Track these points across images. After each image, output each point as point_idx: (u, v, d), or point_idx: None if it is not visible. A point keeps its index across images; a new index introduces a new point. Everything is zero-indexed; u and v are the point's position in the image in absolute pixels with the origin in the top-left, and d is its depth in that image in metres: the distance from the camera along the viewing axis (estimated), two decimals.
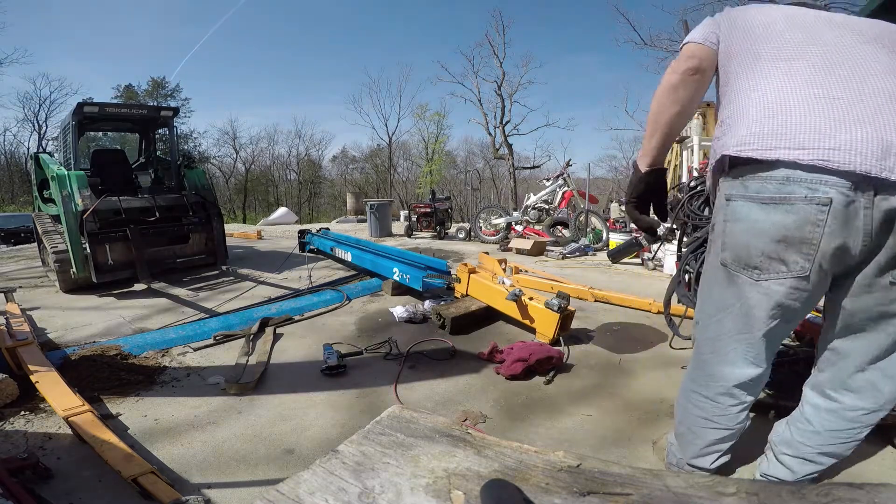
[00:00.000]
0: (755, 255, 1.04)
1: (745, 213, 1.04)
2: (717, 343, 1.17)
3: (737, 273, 1.08)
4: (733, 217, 1.07)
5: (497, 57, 23.01)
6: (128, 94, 29.20)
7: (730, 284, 1.11)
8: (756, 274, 1.05)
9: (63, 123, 4.90)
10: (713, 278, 1.17)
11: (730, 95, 1.11)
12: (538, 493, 0.51)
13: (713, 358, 1.19)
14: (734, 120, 1.07)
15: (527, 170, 26.06)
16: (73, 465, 1.53)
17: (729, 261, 1.09)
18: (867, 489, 0.45)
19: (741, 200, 1.05)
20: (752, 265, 1.05)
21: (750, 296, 1.08)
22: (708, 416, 1.23)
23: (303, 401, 2.00)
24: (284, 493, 0.54)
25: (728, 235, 1.09)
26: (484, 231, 7.50)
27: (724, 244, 1.10)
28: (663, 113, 1.21)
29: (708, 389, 1.21)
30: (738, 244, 1.07)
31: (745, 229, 1.04)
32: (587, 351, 2.55)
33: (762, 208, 1.01)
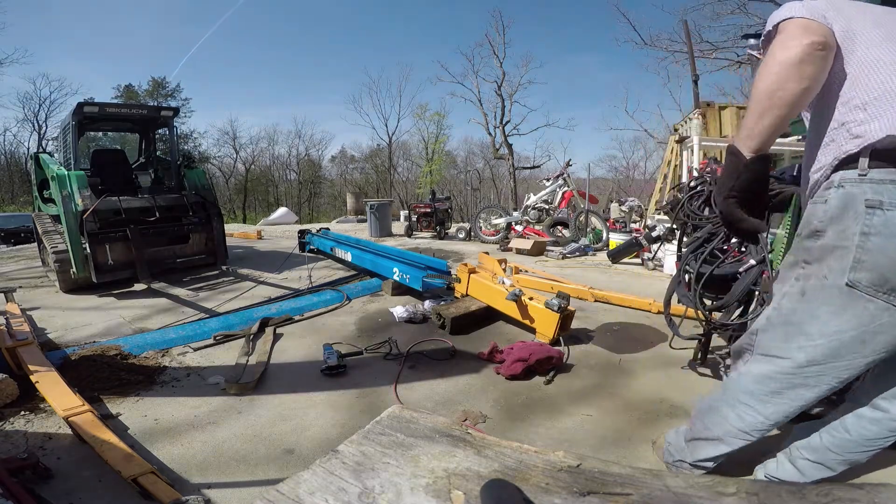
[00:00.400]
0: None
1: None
2: (806, 368, 1.04)
3: (872, 297, 0.94)
4: (886, 231, 0.89)
5: (497, 57, 23.02)
6: (128, 94, 29.17)
7: (850, 308, 0.97)
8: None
9: (63, 123, 4.90)
10: (825, 299, 1.01)
11: (867, 73, 0.95)
12: (538, 493, 0.51)
13: (793, 380, 1.06)
14: (885, 91, 0.91)
15: (527, 170, 26.07)
16: (73, 465, 1.53)
17: (864, 282, 0.93)
18: (867, 489, 0.45)
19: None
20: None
21: (883, 321, 0.94)
22: (748, 430, 1.14)
23: (303, 401, 2.00)
24: (284, 493, 0.54)
25: (870, 253, 0.92)
26: (484, 231, 7.50)
27: (861, 262, 0.93)
28: (784, 90, 0.97)
29: (764, 406, 1.11)
30: (888, 265, 0.90)
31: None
32: (587, 351, 2.55)
33: None
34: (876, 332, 0.95)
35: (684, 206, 2.13)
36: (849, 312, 0.97)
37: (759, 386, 1.12)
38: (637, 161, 28.78)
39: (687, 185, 2.26)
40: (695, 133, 6.02)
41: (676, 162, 7.15)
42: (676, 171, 7.09)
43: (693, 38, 12.14)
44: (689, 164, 5.96)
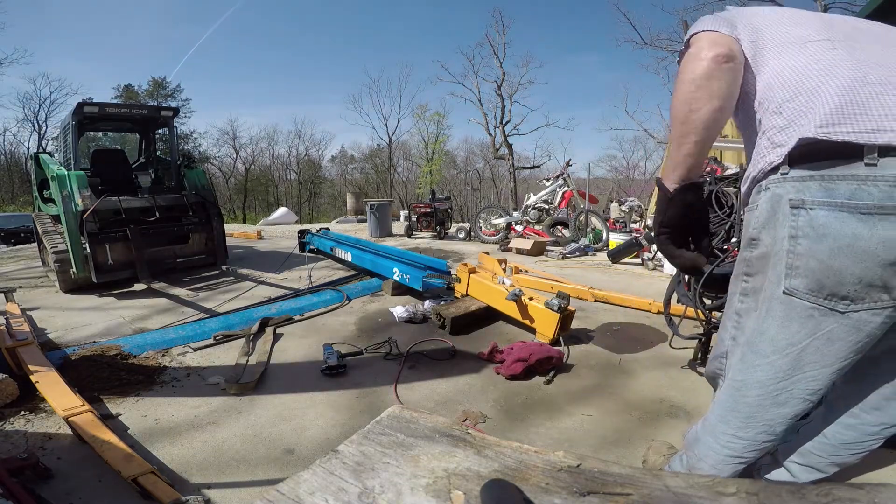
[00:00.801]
0: (849, 282, 0.82)
1: (835, 227, 0.81)
2: (770, 386, 0.97)
3: (813, 304, 0.87)
4: (812, 233, 0.83)
5: (497, 57, 23.09)
6: (128, 94, 29.19)
7: (796, 318, 0.90)
8: (844, 305, 0.84)
9: (63, 123, 4.90)
10: (770, 311, 0.94)
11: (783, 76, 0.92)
12: (538, 493, 0.51)
13: (761, 401, 1.00)
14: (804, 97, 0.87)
15: (527, 170, 26.10)
16: (73, 465, 1.53)
17: (801, 289, 0.87)
18: (867, 489, 0.45)
19: (824, 209, 0.82)
20: (839, 294, 0.83)
21: (831, 328, 0.87)
22: (738, 455, 1.06)
23: (303, 401, 2.00)
24: (284, 493, 0.54)
25: (801, 257, 0.86)
26: (484, 231, 7.50)
27: (794, 268, 0.87)
28: (697, 111, 0.94)
29: (745, 431, 1.04)
30: (821, 269, 0.83)
31: (836, 249, 0.81)
32: (587, 351, 2.55)
33: (863, 221, 0.78)
34: (829, 339, 0.88)
35: None
36: (795, 323, 0.90)
37: (732, 413, 1.06)
38: (637, 161, 28.87)
39: None
40: None
41: None
42: None
43: None
44: None
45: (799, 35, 0.95)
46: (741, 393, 1.03)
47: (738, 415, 1.05)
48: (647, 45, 18.34)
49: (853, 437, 1.07)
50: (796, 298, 0.88)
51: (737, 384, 1.04)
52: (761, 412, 1.00)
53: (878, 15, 4.29)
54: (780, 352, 0.94)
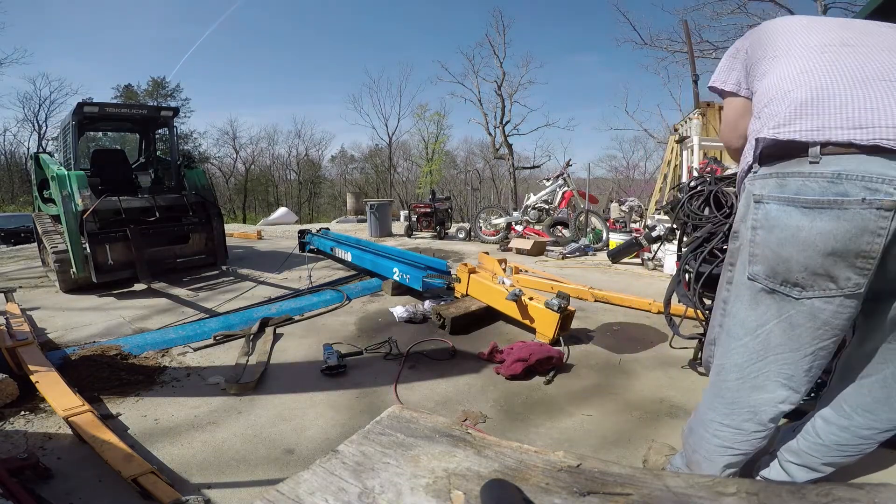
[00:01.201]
0: (796, 269, 0.88)
1: (783, 219, 0.88)
2: (746, 369, 1.02)
3: (772, 289, 0.93)
4: (765, 224, 0.91)
5: (497, 57, 23.07)
6: (128, 94, 29.17)
7: (760, 302, 0.97)
8: (797, 291, 0.90)
9: (63, 123, 4.90)
10: (739, 296, 1.01)
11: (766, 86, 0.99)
12: (538, 493, 0.51)
13: (740, 385, 1.04)
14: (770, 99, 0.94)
15: (527, 170, 26.08)
16: (73, 465, 1.52)
17: (761, 276, 0.94)
18: (867, 489, 0.45)
19: (776, 203, 0.89)
20: (791, 281, 0.89)
21: (790, 313, 0.92)
22: (729, 445, 1.09)
23: (303, 401, 2.00)
24: (284, 493, 0.54)
25: (758, 246, 0.93)
26: (484, 231, 7.50)
27: (754, 256, 0.95)
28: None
29: (731, 418, 1.07)
30: (773, 257, 0.91)
31: (783, 239, 0.88)
32: (587, 351, 2.55)
33: (805, 214, 0.85)
34: (790, 324, 0.93)
35: (684, 205, 2.13)
36: (761, 306, 0.97)
37: (717, 399, 1.10)
38: (637, 161, 28.85)
39: (687, 185, 2.26)
40: (695, 133, 6.02)
41: (676, 162, 7.16)
42: (676, 170, 7.09)
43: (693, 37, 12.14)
44: (689, 163, 5.96)
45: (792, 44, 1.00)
46: (721, 377, 1.09)
47: (722, 401, 1.09)
48: (647, 45, 18.33)
49: (846, 438, 1.07)
50: (757, 283, 0.96)
51: (718, 368, 1.10)
52: (742, 396, 1.05)
53: (878, 15, 4.29)
54: (751, 333, 1.00)
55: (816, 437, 1.12)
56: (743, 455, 1.10)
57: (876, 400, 1.02)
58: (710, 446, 1.13)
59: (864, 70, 0.86)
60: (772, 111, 0.93)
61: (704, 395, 1.18)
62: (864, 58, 0.89)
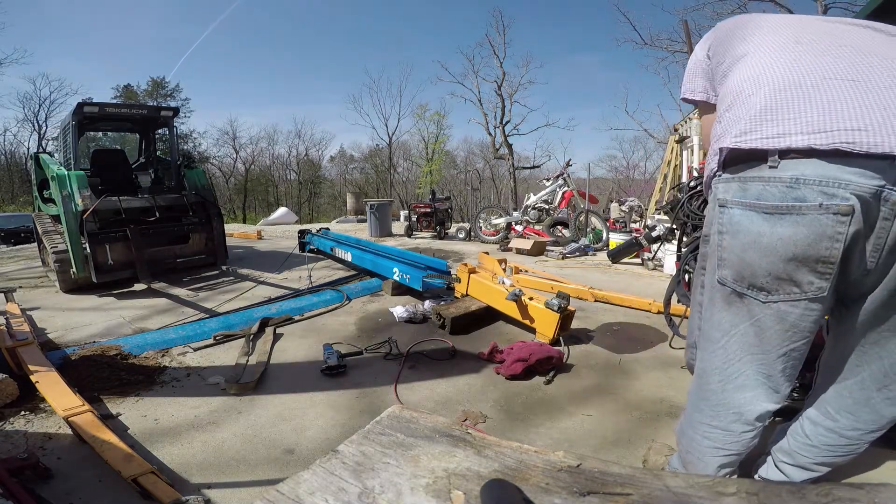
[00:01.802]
0: (760, 274, 0.88)
1: (745, 224, 0.88)
2: (726, 371, 1.02)
3: (741, 293, 0.94)
4: (730, 229, 0.92)
5: (497, 57, 23.06)
6: (127, 94, 29.16)
7: (731, 304, 0.97)
8: (763, 295, 0.90)
9: (63, 123, 4.90)
10: (713, 299, 1.02)
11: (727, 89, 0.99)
12: (538, 493, 0.51)
13: (723, 387, 1.04)
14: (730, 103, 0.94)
15: (527, 170, 26.07)
16: (73, 465, 1.52)
17: (729, 280, 0.95)
18: (867, 489, 0.45)
19: (738, 208, 0.89)
20: (757, 286, 0.90)
21: (759, 316, 0.93)
22: (719, 446, 1.09)
23: (303, 401, 2.00)
24: (284, 493, 0.54)
25: (725, 250, 0.94)
26: (484, 231, 7.50)
27: (722, 260, 0.95)
28: None
29: (718, 420, 1.07)
30: (738, 262, 0.91)
31: (746, 244, 0.89)
32: (587, 351, 2.55)
33: (766, 219, 0.85)
34: (760, 327, 0.93)
35: (684, 205, 2.13)
36: (733, 306, 0.97)
37: (703, 402, 1.10)
38: (637, 161, 28.86)
39: (687, 185, 2.26)
40: (695, 133, 6.02)
41: (676, 162, 7.16)
42: (676, 170, 7.10)
43: (693, 37, 12.16)
44: (689, 163, 5.96)
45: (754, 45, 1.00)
46: (704, 380, 1.09)
47: (707, 403, 1.09)
48: (647, 45, 18.37)
49: (834, 439, 1.07)
50: (727, 286, 0.97)
51: (700, 371, 1.11)
52: (726, 397, 1.05)
53: (878, 14, 4.29)
54: (727, 335, 1.00)
55: (806, 439, 1.12)
56: (735, 455, 1.10)
57: (856, 402, 1.02)
58: (701, 448, 1.13)
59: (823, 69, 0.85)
60: (733, 116, 0.93)
61: (690, 396, 1.18)
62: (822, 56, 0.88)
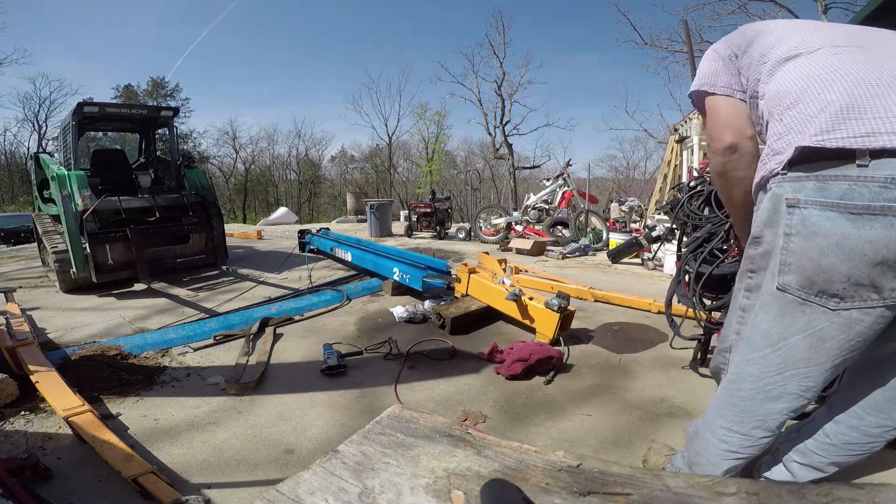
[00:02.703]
0: (838, 279, 0.83)
1: (826, 226, 0.82)
2: (762, 380, 1.00)
3: (804, 300, 0.89)
4: (804, 231, 0.85)
5: (497, 57, 23.08)
6: (127, 94, 29.16)
7: (789, 313, 0.92)
8: (834, 302, 0.85)
9: (63, 123, 4.90)
10: (765, 306, 0.97)
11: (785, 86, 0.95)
12: (538, 493, 0.51)
13: (754, 395, 1.02)
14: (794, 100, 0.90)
15: (527, 170, 26.07)
16: (73, 465, 1.52)
17: (794, 285, 0.89)
18: (867, 489, 0.45)
19: (817, 208, 0.83)
20: (830, 292, 0.85)
21: (823, 326, 0.88)
22: (735, 449, 1.09)
23: (303, 401, 2.00)
24: (284, 493, 0.54)
25: (793, 254, 0.88)
26: (484, 231, 7.50)
27: (787, 265, 0.89)
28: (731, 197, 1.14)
29: (741, 425, 1.06)
30: (811, 266, 0.85)
31: (825, 248, 0.83)
32: (587, 351, 2.55)
33: (853, 220, 0.80)
34: (820, 338, 0.89)
35: (684, 206, 2.13)
36: (787, 318, 0.93)
37: (728, 407, 1.09)
38: (637, 161, 28.86)
39: (687, 185, 2.26)
40: (695, 133, 6.02)
41: (676, 162, 7.16)
42: (676, 170, 7.09)
43: (693, 37, 12.15)
44: (689, 163, 5.96)
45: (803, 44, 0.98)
46: (735, 386, 1.07)
47: (732, 408, 1.07)
48: (647, 45, 18.38)
49: (855, 437, 1.08)
50: (788, 294, 0.91)
51: (732, 377, 1.08)
52: (755, 406, 1.03)
53: (878, 14, 4.29)
54: (772, 346, 0.96)
55: (825, 437, 1.11)
56: (746, 459, 1.10)
57: (889, 399, 1.02)
58: (715, 451, 1.12)
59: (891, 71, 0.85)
60: (801, 113, 0.89)
61: (714, 400, 1.16)
62: (886, 59, 0.88)
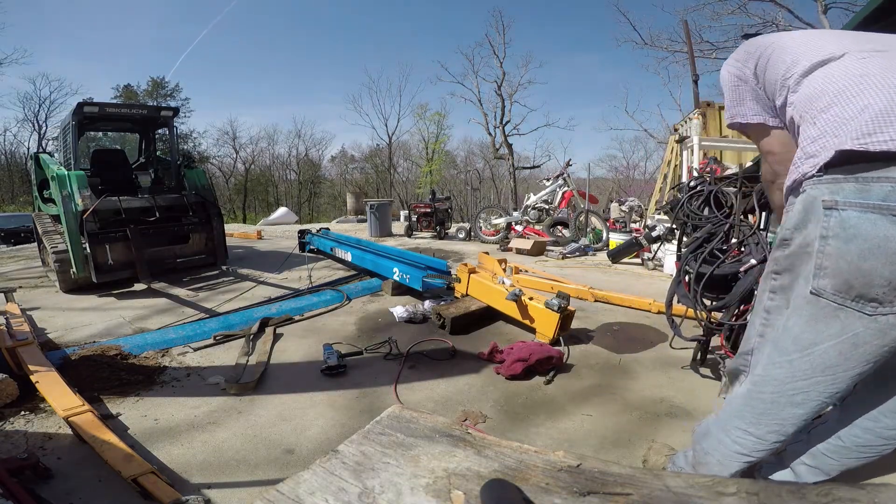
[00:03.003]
0: (878, 283, 0.81)
1: (867, 228, 0.80)
2: (786, 385, 0.98)
3: (840, 305, 0.87)
4: (844, 233, 0.83)
5: (497, 57, 23.06)
6: (127, 94, 29.14)
7: (820, 320, 0.91)
8: (872, 307, 0.83)
9: (63, 123, 4.90)
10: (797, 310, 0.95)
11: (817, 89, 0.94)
12: (538, 493, 0.51)
13: (776, 399, 1.01)
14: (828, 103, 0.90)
15: (527, 170, 26.07)
16: (73, 465, 1.52)
17: (829, 290, 0.87)
18: (867, 489, 0.45)
19: (857, 210, 0.82)
20: (867, 296, 0.83)
21: (857, 331, 0.86)
22: (746, 452, 1.08)
23: (303, 401, 2.00)
24: (284, 493, 0.54)
25: (830, 257, 0.86)
26: (484, 231, 7.50)
27: (822, 268, 0.87)
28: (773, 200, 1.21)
29: (758, 427, 1.05)
30: (849, 270, 0.83)
31: (866, 250, 0.81)
32: (587, 351, 2.55)
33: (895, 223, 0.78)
34: (854, 343, 0.87)
35: (684, 206, 2.13)
36: (820, 323, 0.90)
37: (747, 408, 1.08)
38: (637, 161, 28.86)
39: (687, 185, 2.26)
40: (695, 133, 6.01)
41: (676, 162, 7.15)
42: (676, 171, 7.09)
43: (693, 37, 12.15)
44: (689, 163, 5.95)
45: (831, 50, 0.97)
46: (758, 388, 1.05)
47: (752, 410, 1.06)
48: (647, 45, 18.35)
49: (869, 440, 1.06)
50: (823, 298, 0.89)
51: (756, 379, 1.07)
52: (775, 410, 1.01)
53: (878, 14, 4.28)
54: (801, 350, 0.94)
55: (837, 440, 1.10)
56: (754, 462, 1.10)
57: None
58: (727, 452, 1.11)
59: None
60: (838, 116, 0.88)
61: (731, 401, 1.15)
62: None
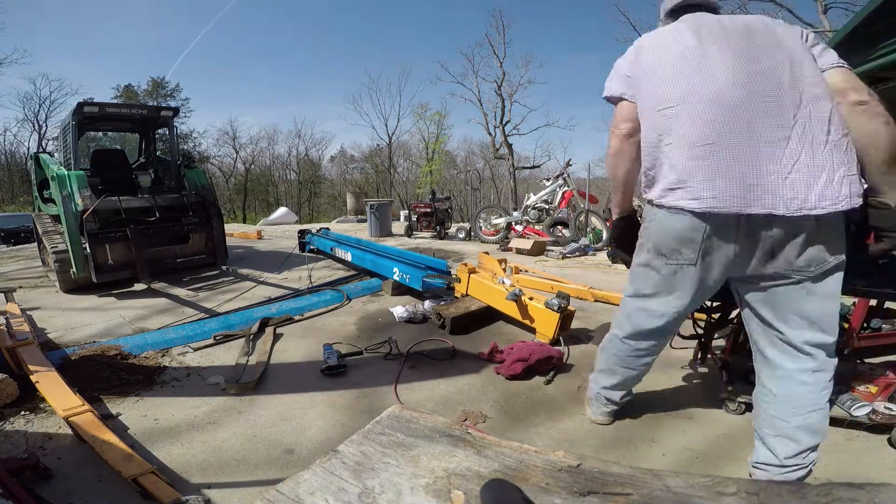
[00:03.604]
0: (666, 246, 1.34)
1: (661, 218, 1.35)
2: (639, 301, 1.50)
3: (654, 255, 1.39)
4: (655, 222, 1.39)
5: (497, 57, 23.04)
6: (127, 94, 29.16)
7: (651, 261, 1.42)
8: (663, 259, 1.37)
9: (63, 123, 4.90)
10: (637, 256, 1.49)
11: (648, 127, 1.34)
12: (538, 493, 0.51)
13: (636, 313, 1.52)
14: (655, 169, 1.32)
15: (527, 170, 26.06)
16: (73, 465, 1.53)
17: (651, 249, 1.41)
18: (867, 489, 0.45)
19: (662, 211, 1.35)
20: (661, 252, 1.37)
21: (669, 271, 1.37)
22: (621, 356, 1.62)
23: (303, 401, 2.00)
24: (284, 493, 0.54)
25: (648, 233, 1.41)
26: (484, 231, 7.50)
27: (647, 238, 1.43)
28: (617, 172, 1.47)
29: (622, 331, 1.59)
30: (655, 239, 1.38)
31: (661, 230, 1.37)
32: (587, 351, 2.55)
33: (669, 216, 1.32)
34: (665, 276, 1.38)
35: None
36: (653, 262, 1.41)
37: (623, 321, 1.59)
38: None
39: None
40: None
41: None
42: None
43: None
44: None
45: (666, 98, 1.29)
46: (627, 307, 1.57)
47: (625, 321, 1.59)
48: None
49: (794, 388, 1.28)
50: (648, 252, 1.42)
51: (624, 302, 1.59)
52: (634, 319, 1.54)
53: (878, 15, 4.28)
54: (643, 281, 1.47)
55: (770, 395, 1.33)
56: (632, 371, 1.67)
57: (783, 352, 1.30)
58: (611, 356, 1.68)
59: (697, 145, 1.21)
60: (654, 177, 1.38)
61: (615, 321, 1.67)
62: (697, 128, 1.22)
